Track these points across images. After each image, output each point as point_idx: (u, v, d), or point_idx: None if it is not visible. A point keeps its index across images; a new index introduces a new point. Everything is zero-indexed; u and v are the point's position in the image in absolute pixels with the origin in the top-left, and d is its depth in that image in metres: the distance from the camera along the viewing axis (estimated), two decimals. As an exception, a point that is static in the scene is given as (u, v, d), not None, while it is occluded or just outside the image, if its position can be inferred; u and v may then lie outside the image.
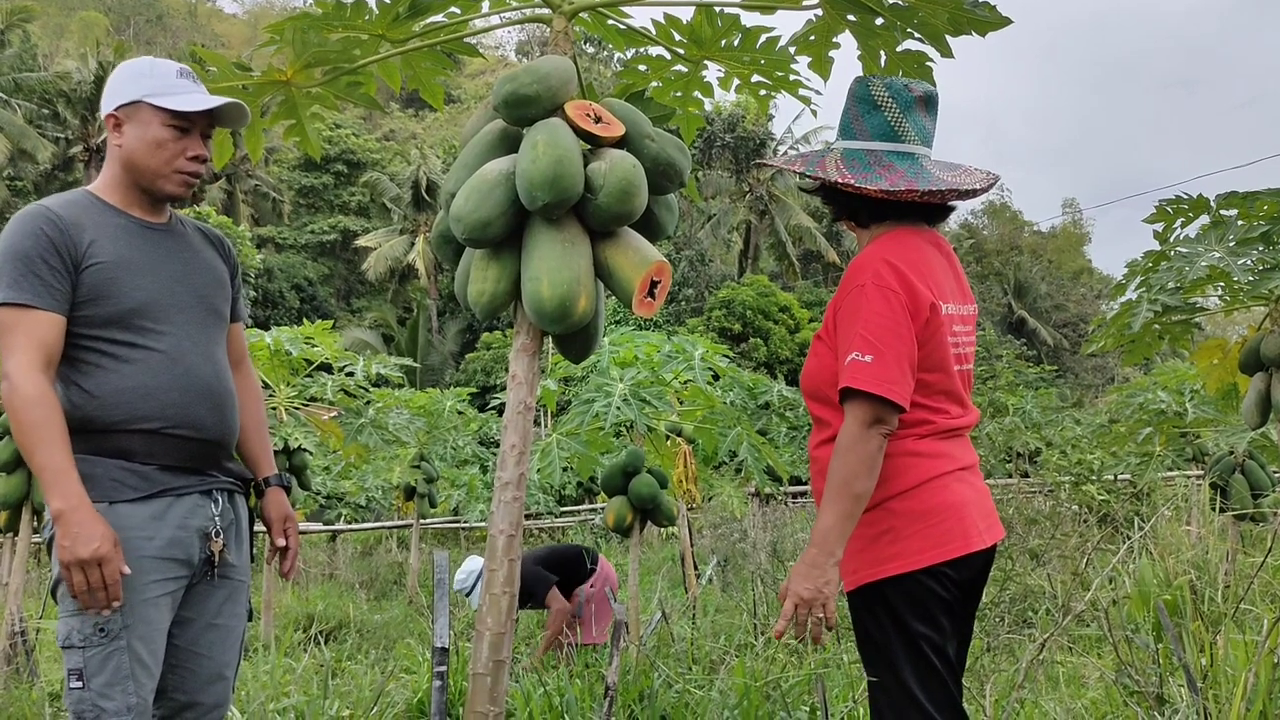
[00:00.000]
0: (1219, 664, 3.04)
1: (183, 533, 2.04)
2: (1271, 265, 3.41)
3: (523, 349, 2.31)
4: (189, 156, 2.12)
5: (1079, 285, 45.04)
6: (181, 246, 2.19)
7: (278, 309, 32.62)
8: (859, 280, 2.02)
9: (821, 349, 2.13)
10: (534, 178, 2.08)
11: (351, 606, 8.28)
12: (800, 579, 1.94)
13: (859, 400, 1.95)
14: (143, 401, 2.02)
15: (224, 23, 64.99)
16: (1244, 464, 6.01)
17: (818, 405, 2.15)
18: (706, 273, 31.22)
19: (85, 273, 2.01)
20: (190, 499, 2.07)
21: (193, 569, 2.07)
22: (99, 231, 2.05)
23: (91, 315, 2.02)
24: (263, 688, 4.06)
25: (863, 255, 2.09)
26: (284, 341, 6.29)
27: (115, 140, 2.12)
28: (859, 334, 1.97)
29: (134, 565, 1.94)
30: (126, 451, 2.01)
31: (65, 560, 1.86)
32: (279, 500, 2.32)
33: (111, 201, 2.13)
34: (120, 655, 1.94)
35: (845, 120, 2.17)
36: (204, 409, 2.10)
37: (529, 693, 3.63)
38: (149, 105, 2.08)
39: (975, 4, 2.18)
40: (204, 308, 2.17)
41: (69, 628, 1.95)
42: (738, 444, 5.55)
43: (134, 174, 2.11)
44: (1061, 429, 13.65)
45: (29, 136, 28.08)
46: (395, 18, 2.41)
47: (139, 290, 2.05)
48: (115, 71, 2.17)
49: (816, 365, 2.13)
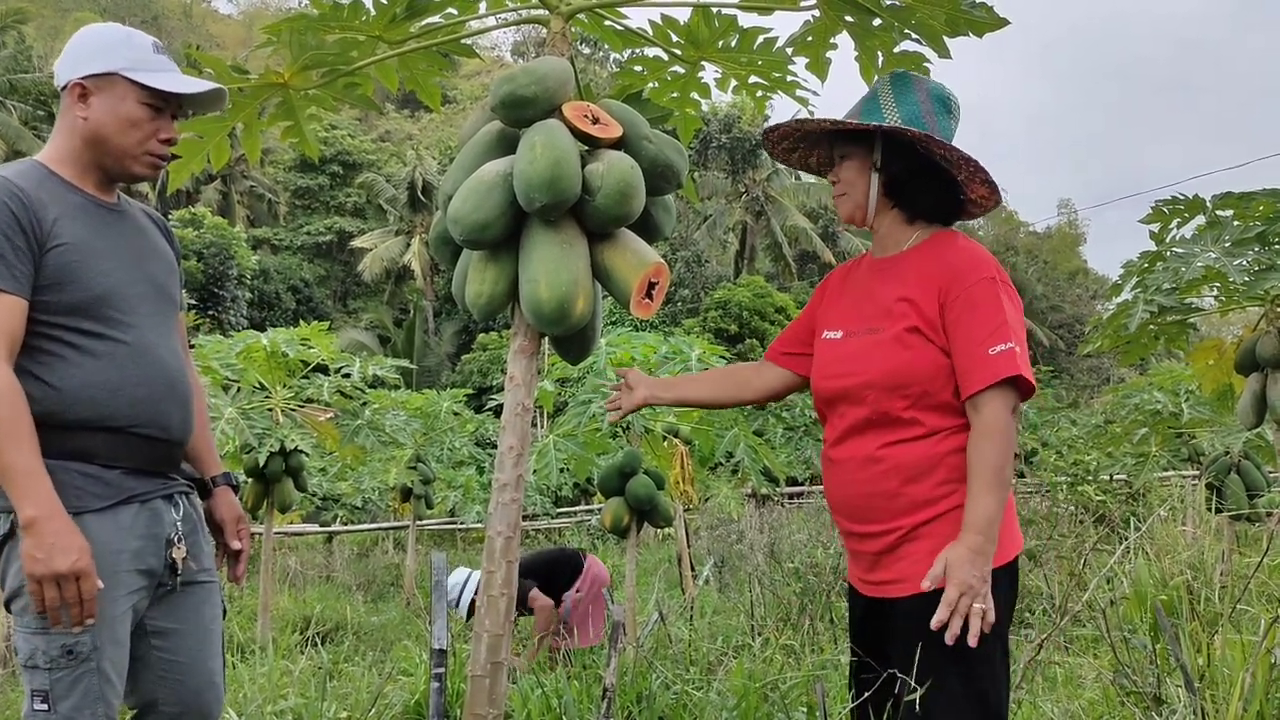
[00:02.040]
0: (1216, 664, 3.05)
1: (149, 542, 1.93)
2: (1267, 266, 3.42)
3: (520, 350, 2.30)
4: (161, 138, 1.98)
5: (1075, 286, 45.08)
6: (134, 230, 2.04)
7: (274, 310, 32.57)
8: (984, 273, 2.00)
9: (917, 341, 2.01)
10: (532, 179, 2.08)
11: (348, 608, 8.26)
12: (966, 565, 1.86)
13: (1009, 389, 1.94)
14: (111, 398, 1.88)
15: (219, 23, 64.90)
16: (1240, 464, 6.03)
17: (905, 403, 2.02)
18: (703, 273, 31.22)
19: (49, 254, 1.84)
20: (153, 504, 1.96)
21: (155, 578, 1.96)
22: (61, 209, 1.89)
23: (53, 301, 1.85)
24: (260, 690, 4.05)
25: (965, 247, 2.06)
26: (280, 343, 6.28)
27: (79, 112, 1.93)
28: (1007, 324, 1.96)
29: (105, 580, 1.80)
30: (88, 453, 1.86)
31: (39, 574, 1.71)
32: (230, 500, 2.18)
33: (66, 176, 1.95)
34: (90, 677, 1.80)
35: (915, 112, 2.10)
36: (172, 407, 1.98)
37: (527, 694, 3.63)
38: (125, 79, 1.92)
39: (972, 5, 2.18)
40: (161, 296, 2.04)
41: (32, 647, 1.80)
42: (735, 445, 5.54)
43: (98, 150, 1.95)
44: (1058, 429, 13.66)
45: (24, 138, 27.99)
46: (392, 19, 2.41)
47: (104, 276, 1.90)
48: (82, 35, 1.98)
49: (910, 359, 2.01)
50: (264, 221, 39.55)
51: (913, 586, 1.97)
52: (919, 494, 2.00)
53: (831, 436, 2.17)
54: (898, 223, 2.16)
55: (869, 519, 2.07)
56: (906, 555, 2.02)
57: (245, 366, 6.39)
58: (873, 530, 2.07)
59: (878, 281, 2.14)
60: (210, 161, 2.67)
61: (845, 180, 2.18)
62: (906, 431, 2.02)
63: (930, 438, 2.01)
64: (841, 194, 2.19)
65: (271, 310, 32.50)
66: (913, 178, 2.12)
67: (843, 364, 2.12)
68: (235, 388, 6.48)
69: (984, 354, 1.94)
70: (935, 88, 2.13)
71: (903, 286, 2.06)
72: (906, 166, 2.11)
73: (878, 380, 2.03)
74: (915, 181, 2.12)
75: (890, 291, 2.08)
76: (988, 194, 2.13)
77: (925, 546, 1.98)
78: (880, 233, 2.19)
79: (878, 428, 2.05)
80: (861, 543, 2.11)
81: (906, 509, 2.01)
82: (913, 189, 2.13)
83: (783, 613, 5.21)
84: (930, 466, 2.00)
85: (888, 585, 2.06)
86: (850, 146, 2.17)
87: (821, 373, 2.19)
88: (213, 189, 36.87)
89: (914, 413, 2.01)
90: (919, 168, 2.11)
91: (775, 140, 2.30)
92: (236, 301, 30.12)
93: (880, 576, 2.08)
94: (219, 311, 29.20)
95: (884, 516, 2.04)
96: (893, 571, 2.05)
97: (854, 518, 2.11)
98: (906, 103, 2.11)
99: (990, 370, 1.93)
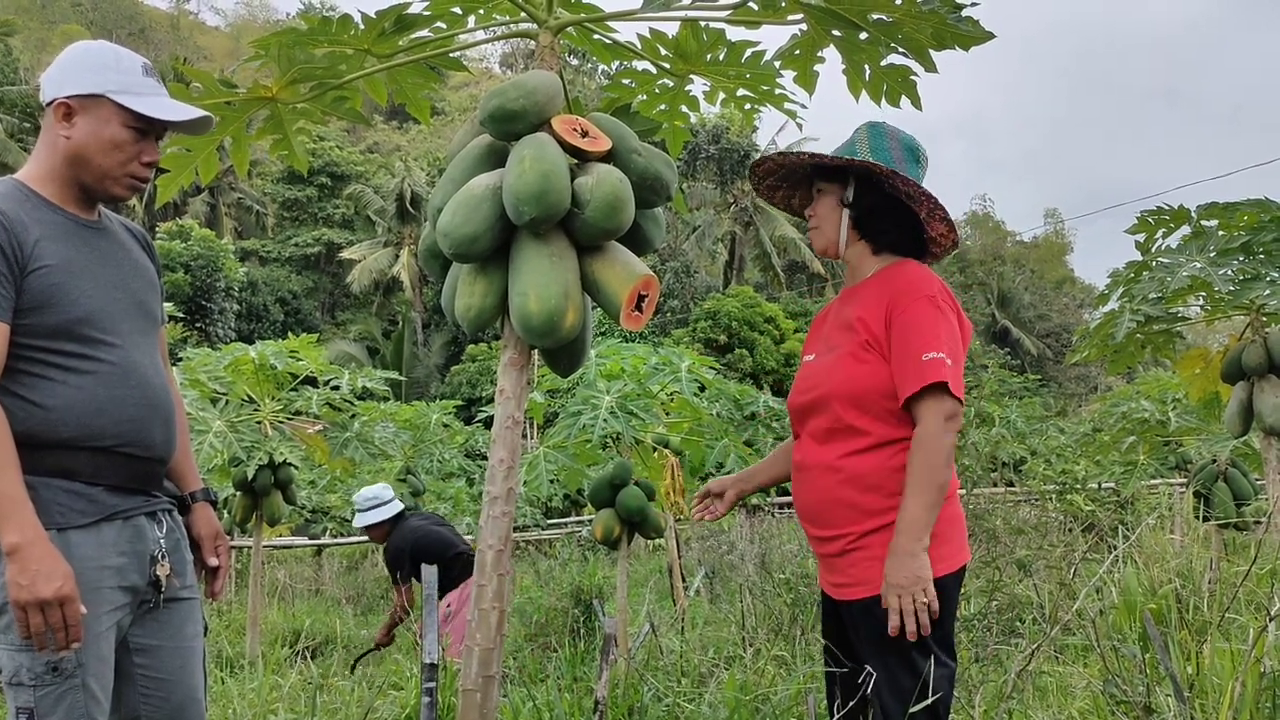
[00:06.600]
0: (1205, 673, 3.05)
1: (132, 559, 1.92)
2: (1252, 275, 3.45)
3: (510, 363, 2.30)
4: (143, 161, 1.96)
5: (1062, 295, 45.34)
6: (115, 247, 2.02)
7: (262, 322, 32.48)
8: (926, 291, 2.15)
9: (871, 357, 2.17)
10: (521, 192, 2.08)
11: (338, 622, 8.22)
12: (896, 570, 2.03)
13: (942, 396, 2.08)
14: (96, 418, 1.87)
15: (206, 35, 64.86)
16: (1227, 472, 6.06)
17: (858, 413, 2.18)
18: (692, 284, 31.28)
19: (30, 277, 1.83)
20: (137, 521, 1.95)
21: (139, 594, 1.95)
22: (42, 230, 1.87)
23: (35, 324, 1.83)
24: (249, 705, 4.02)
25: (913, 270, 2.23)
26: (269, 355, 6.27)
27: (62, 130, 1.91)
28: (939, 337, 2.10)
29: (88, 598, 1.79)
30: (70, 470, 1.85)
31: (23, 600, 1.70)
32: (208, 516, 2.17)
33: (46, 195, 1.93)
34: (75, 694, 1.80)
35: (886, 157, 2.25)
36: (156, 425, 1.97)
37: (518, 707, 3.61)
38: (112, 102, 1.90)
39: (959, 19, 2.20)
40: (142, 314, 2.02)
41: (16, 664, 1.79)
42: (725, 455, 5.55)
43: (79, 170, 1.93)
44: (1046, 438, 13.71)
45: (10, 150, 27.90)
46: (381, 33, 2.41)
47: (86, 298, 1.89)
48: (70, 53, 1.96)
49: (865, 372, 2.17)
50: (252, 233, 39.46)
51: (862, 590, 2.15)
52: (871, 504, 2.16)
53: (800, 447, 2.34)
54: (865, 254, 2.32)
55: (827, 524, 2.23)
56: (858, 560, 2.18)
57: (233, 379, 6.37)
58: (829, 534, 2.23)
59: (845, 307, 2.32)
60: (199, 175, 2.67)
61: (819, 214, 2.34)
62: (862, 441, 2.18)
63: (884, 449, 2.17)
64: (815, 227, 2.36)
65: (259, 322, 32.41)
66: (879, 212, 2.28)
67: (810, 379, 2.30)
68: (223, 401, 6.46)
69: (916, 360, 2.09)
70: (906, 138, 2.30)
71: (859, 308, 2.23)
72: (873, 202, 2.28)
73: (836, 390, 2.20)
74: (881, 216, 2.29)
75: (849, 314, 2.26)
76: (946, 231, 2.30)
77: (873, 554, 2.14)
78: (851, 264, 2.36)
79: (837, 438, 2.21)
80: (821, 545, 2.28)
81: (859, 517, 2.17)
82: (878, 223, 2.29)
83: (774, 623, 5.20)
84: (882, 479, 2.15)
85: (843, 588, 2.22)
86: (826, 183, 2.33)
87: (794, 390, 2.37)
88: (200, 201, 36.77)
89: (867, 422, 2.17)
90: (885, 204, 2.27)
91: (760, 176, 2.44)
92: (224, 314, 30.04)
93: (837, 579, 2.25)
94: (206, 324, 29.11)
95: (840, 522, 2.20)
96: (846, 575, 2.21)
97: (815, 523, 2.28)
98: (879, 148, 2.27)
99: (920, 375, 2.08)
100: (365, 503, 5.93)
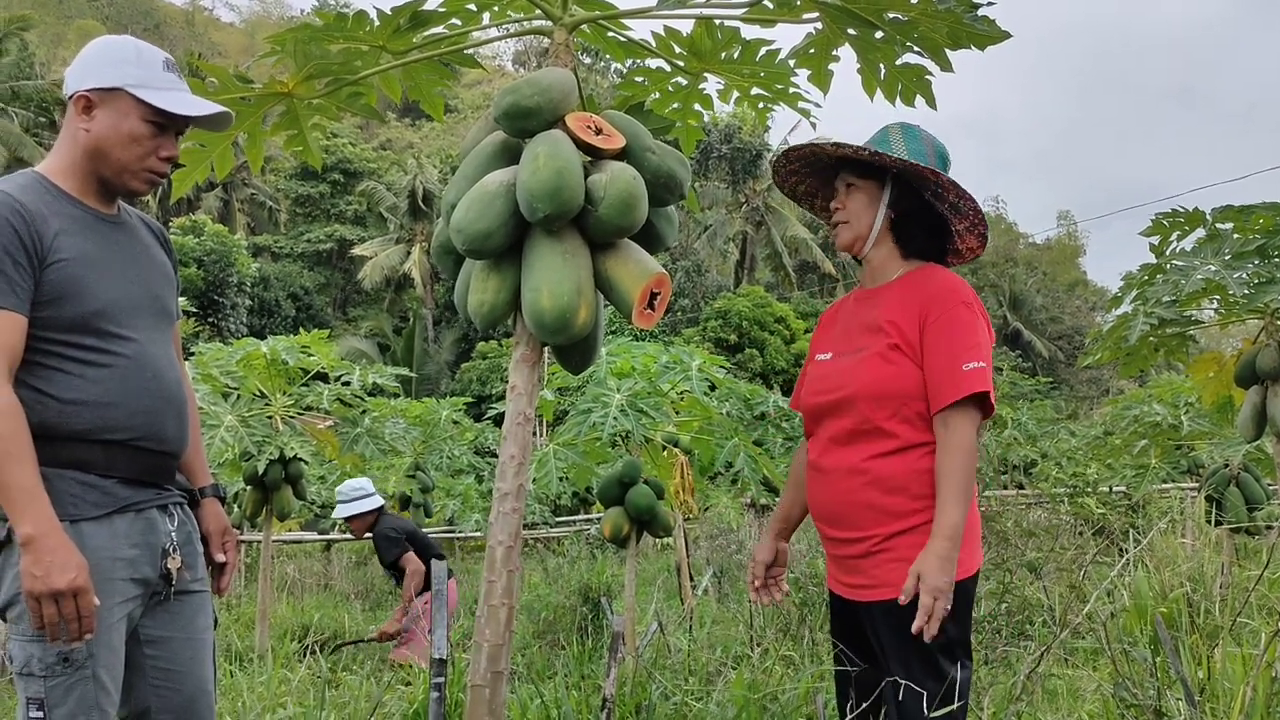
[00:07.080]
0: (1216, 677, 3.04)
1: (144, 551, 1.94)
2: (1267, 279, 3.43)
3: (522, 360, 2.30)
4: (161, 156, 1.97)
5: (1074, 297, 45.16)
6: (133, 242, 2.04)
7: (274, 318, 32.57)
8: (963, 297, 2.14)
9: (899, 359, 2.16)
10: (535, 189, 2.09)
11: (347, 617, 8.25)
12: (937, 572, 2.01)
13: (975, 408, 2.08)
14: (111, 410, 1.88)
15: (221, 31, 65.10)
16: (1239, 477, 6.03)
17: (885, 416, 2.16)
18: (703, 283, 31.26)
19: (49, 269, 1.84)
20: (149, 514, 1.97)
21: (150, 587, 1.96)
22: (62, 223, 1.88)
23: (52, 317, 1.85)
24: (259, 699, 4.04)
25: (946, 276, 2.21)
26: (280, 350, 6.28)
27: (82, 124, 1.93)
28: (980, 345, 2.10)
29: (100, 589, 1.81)
30: (84, 463, 1.87)
31: (37, 591, 1.71)
32: (216, 512, 2.19)
33: (66, 188, 1.95)
34: (85, 684, 1.81)
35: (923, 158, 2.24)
36: (170, 419, 1.99)
37: (525, 704, 3.62)
38: (131, 96, 1.91)
39: (974, 18, 2.19)
40: (158, 308, 2.04)
41: (27, 654, 1.80)
42: (734, 455, 5.54)
43: (98, 163, 1.94)
44: (1057, 441, 13.66)
45: (26, 145, 28.04)
46: (396, 29, 2.42)
47: (103, 291, 1.90)
48: (92, 47, 1.97)
49: (893, 374, 2.15)
50: (264, 229, 39.60)
51: (886, 592, 2.13)
52: (896, 506, 2.15)
53: (817, 448, 2.31)
54: (892, 256, 2.30)
55: (850, 526, 2.21)
56: (882, 563, 2.16)
57: (245, 374, 6.39)
58: (851, 536, 2.21)
59: (865, 309, 2.29)
60: (214, 171, 2.68)
61: (851, 210, 2.30)
62: (888, 444, 2.16)
63: (909, 452, 2.15)
64: (844, 221, 2.32)
65: (271, 318, 32.50)
66: (916, 217, 2.26)
67: (831, 380, 2.27)
68: (235, 395, 6.48)
69: (958, 368, 2.08)
70: (939, 145, 2.29)
71: (887, 310, 2.21)
72: (912, 206, 2.26)
73: (863, 391, 2.18)
74: (918, 221, 2.27)
75: (876, 315, 2.23)
76: (976, 246, 2.30)
77: (897, 555, 2.13)
78: (874, 264, 2.33)
79: (862, 439, 2.19)
80: (839, 547, 2.26)
81: (885, 519, 2.16)
82: (914, 228, 2.28)
83: (782, 623, 5.20)
84: (907, 481, 2.14)
85: (864, 589, 2.20)
86: (860, 178, 2.29)
87: (811, 389, 2.33)
88: (214, 196, 36.92)
89: (894, 424, 2.15)
90: (923, 209, 2.26)
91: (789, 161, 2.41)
92: (236, 309, 30.13)
93: (856, 580, 2.23)
94: (219, 319, 29.21)
95: (864, 524, 2.18)
96: (869, 577, 2.19)
97: (835, 524, 2.25)
98: (917, 152, 2.25)
99: (964, 384, 2.06)
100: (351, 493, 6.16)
